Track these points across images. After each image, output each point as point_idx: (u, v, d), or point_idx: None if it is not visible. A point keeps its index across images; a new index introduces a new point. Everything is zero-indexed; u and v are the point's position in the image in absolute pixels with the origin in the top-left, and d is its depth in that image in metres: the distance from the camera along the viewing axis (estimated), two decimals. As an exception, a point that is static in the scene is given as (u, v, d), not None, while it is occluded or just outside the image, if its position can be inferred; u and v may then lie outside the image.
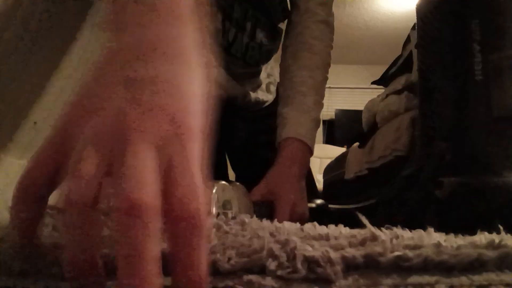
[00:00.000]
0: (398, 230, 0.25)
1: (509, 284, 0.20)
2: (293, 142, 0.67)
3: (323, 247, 0.22)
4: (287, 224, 0.35)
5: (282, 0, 0.81)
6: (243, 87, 0.85)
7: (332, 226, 0.32)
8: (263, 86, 0.93)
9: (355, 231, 0.26)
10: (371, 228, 0.23)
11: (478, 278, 0.20)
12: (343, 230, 0.30)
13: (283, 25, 0.88)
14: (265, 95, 0.93)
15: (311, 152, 0.69)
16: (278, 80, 0.87)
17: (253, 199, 0.60)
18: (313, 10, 0.76)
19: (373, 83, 1.58)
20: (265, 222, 0.36)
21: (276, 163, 0.67)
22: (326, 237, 0.26)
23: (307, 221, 0.63)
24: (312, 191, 0.79)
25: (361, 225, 0.25)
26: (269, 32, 0.82)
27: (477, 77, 0.73)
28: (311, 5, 0.77)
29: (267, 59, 0.88)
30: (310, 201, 0.70)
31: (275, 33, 0.84)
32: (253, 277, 0.21)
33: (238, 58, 0.78)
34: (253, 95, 0.88)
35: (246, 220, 0.34)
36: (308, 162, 0.72)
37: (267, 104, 0.93)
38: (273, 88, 0.96)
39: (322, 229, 0.30)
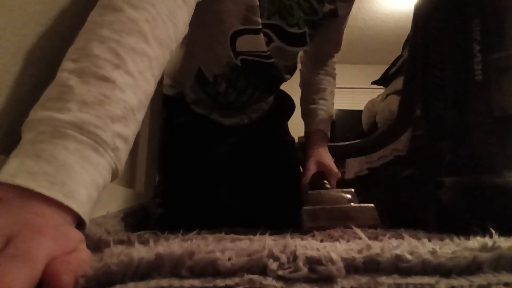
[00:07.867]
0: (393, 241, 0.25)
1: (507, 283, 0.20)
2: (320, 132, 1.02)
3: (323, 249, 0.22)
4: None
5: (289, 68, 0.93)
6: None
7: (328, 244, 0.32)
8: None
9: (352, 244, 0.27)
10: (367, 240, 0.23)
11: (477, 279, 0.20)
12: (339, 245, 0.30)
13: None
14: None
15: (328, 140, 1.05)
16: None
17: (310, 173, 0.92)
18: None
19: (373, 83, 1.58)
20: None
21: (313, 146, 1.00)
22: (323, 248, 0.26)
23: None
24: None
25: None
26: (268, 90, 0.97)
27: (477, 77, 0.73)
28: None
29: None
30: None
31: (274, 90, 1.00)
32: (254, 277, 0.21)
33: (237, 111, 0.97)
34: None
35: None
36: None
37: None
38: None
39: (318, 244, 0.30)
